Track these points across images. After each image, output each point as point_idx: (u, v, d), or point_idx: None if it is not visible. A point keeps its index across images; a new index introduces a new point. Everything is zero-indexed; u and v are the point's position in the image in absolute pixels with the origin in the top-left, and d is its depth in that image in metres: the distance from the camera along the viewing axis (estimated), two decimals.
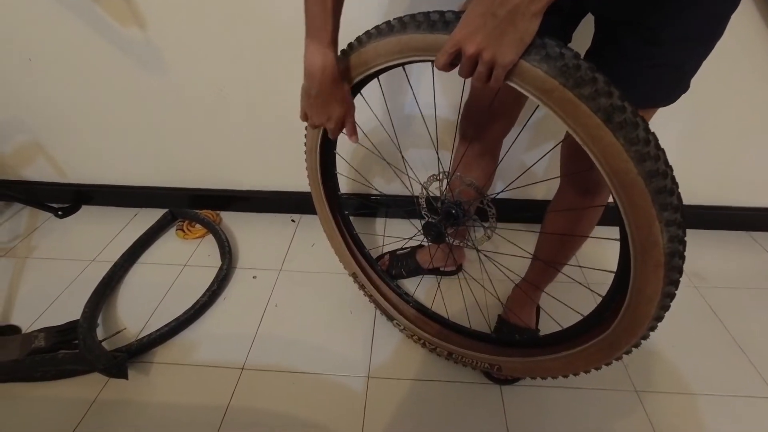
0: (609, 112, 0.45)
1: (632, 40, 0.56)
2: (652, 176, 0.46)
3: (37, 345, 0.92)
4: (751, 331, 1.00)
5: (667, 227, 0.48)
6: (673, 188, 0.48)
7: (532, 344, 0.79)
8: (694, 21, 0.52)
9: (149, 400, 0.86)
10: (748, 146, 1.14)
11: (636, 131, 0.45)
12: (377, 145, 1.10)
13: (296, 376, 0.90)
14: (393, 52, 0.58)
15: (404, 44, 0.56)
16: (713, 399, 0.86)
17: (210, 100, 1.16)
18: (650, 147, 0.45)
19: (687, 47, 0.55)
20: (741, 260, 1.21)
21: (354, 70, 0.66)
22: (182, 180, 1.37)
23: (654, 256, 0.50)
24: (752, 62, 0.99)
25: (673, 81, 0.59)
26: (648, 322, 0.56)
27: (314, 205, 0.96)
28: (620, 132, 0.45)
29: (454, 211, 0.74)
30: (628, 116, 0.45)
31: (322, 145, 0.81)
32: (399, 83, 1.06)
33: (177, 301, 1.05)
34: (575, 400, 0.86)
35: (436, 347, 0.89)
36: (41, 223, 1.36)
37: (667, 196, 0.47)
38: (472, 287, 1.08)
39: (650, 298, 0.54)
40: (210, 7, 0.99)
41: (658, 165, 0.46)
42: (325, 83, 0.62)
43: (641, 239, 0.50)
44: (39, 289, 1.11)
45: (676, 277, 0.52)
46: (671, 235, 0.49)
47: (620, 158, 0.46)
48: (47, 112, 1.23)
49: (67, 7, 1.01)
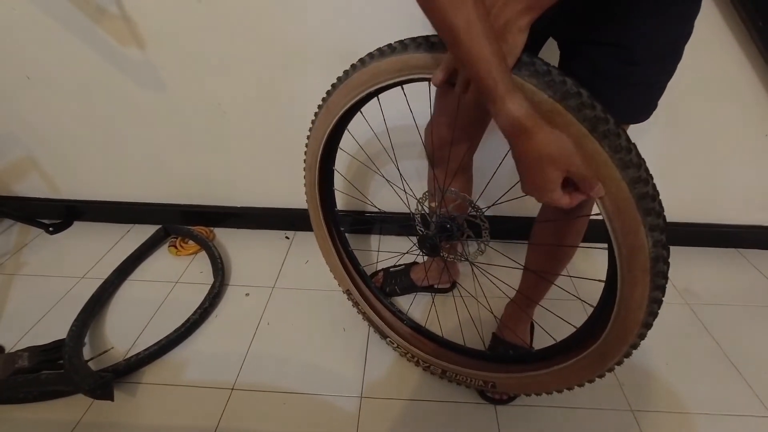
0: (594, 122, 0.47)
1: (606, 59, 0.57)
2: (635, 183, 0.48)
3: (20, 365, 0.90)
4: (743, 347, 1.00)
5: (651, 232, 0.50)
6: (654, 194, 0.50)
7: (526, 360, 0.79)
8: (663, 41, 0.55)
9: (135, 422, 0.83)
10: (736, 165, 1.17)
11: (619, 140, 0.47)
12: (369, 161, 1.11)
13: (288, 396, 0.88)
14: (394, 71, 0.62)
15: (404, 63, 0.60)
16: (708, 418, 0.85)
17: (205, 117, 1.17)
18: (632, 155, 0.48)
19: (658, 66, 0.58)
20: (732, 277, 1.22)
21: (356, 89, 0.68)
22: (176, 196, 1.36)
23: (640, 262, 0.51)
24: (734, 84, 1.03)
25: (646, 99, 0.61)
26: (637, 329, 0.57)
27: (311, 221, 0.96)
28: (605, 141, 0.47)
29: (448, 225, 0.75)
30: (611, 127, 0.47)
31: (322, 161, 0.83)
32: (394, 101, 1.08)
33: (167, 319, 1.03)
34: (571, 420, 0.85)
35: (430, 365, 0.88)
36: (31, 240, 1.34)
37: (650, 201, 0.49)
38: (467, 304, 1.08)
39: (639, 305, 0.55)
40: (209, 26, 1.02)
41: (641, 172, 0.48)
42: None
43: (627, 245, 0.51)
44: (26, 307, 1.09)
45: (662, 282, 0.53)
46: (655, 240, 0.50)
47: (606, 165, 0.48)
48: (43, 128, 1.23)
49: (67, 27, 1.03)
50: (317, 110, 0.78)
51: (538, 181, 0.48)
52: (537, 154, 0.46)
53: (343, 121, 0.76)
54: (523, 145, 0.46)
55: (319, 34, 1.01)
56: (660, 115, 0.65)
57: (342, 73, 0.70)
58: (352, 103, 0.70)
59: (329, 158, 0.84)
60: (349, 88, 0.69)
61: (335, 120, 0.74)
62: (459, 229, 0.76)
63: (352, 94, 0.69)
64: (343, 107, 0.71)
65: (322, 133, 0.78)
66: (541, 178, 0.48)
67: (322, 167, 0.84)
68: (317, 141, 0.80)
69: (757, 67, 0.99)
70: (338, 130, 0.79)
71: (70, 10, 1.00)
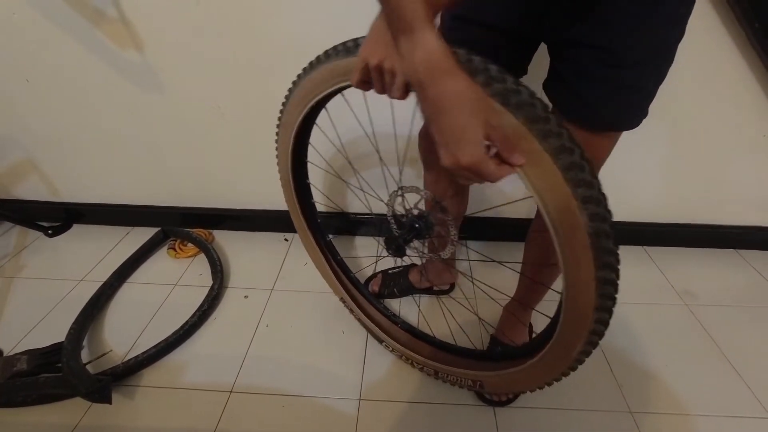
0: (504, 95, 0.45)
1: (589, 62, 0.56)
2: (558, 153, 0.45)
3: (19, 368, 0.89)
4: (742, 348, 1.00)
5: (585, 205, 0.46)
6: (582, 164, 0.46)
7: (507, 357, 0.78)
8: (648, 43, 0.53)
9: (133, 425, 0.83)
10: (735, 166, 1.17)
11: (534, 110, 0.45)
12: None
13: (286, 398, 0.88)
14: (325, 80, 0.62)
15: (330, 71, 0.60)
16: (708, 419, 0.85)
17: (203, 119, 1.17)
18: (551, 124, 0.45)
19: (645, 70, 0.56)
20: (730, 278, 1.22)
21: (300, 104, 0.69)
22: (175, 199, 1.37)
23: (578, 239, 0.48)
24: (732, 85, 1.03)
25: (633, 104, 0.59)
26: (592, 313, 0.53)
27: (299, 236, 0.97)
28: (519, 112, 0.45)
29: (417, 224, 0.73)
30: (524, 97, 0.45)
31: (294, 176, 0.84)
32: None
33: (166, 322, 1.03)
34: (570, 422, 0.84)
35: (423, 366, 0.88)
36: (31, 242, 1.34)
37: (578, 171, 0.45)
38: (465, 307, 1.08)
39: (587, 284, 0.51)
40: (207, 28, 1.02)
41: (563, 141, 0.45)
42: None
43: (561, 222, 0.48)
44: (25, 310, 1.09)
45: (609, 259, 0.49)
46: (591, 213, 0.46)
47: (524, 138, 0.45)
48: (43, 131, 1.23)
49: (66, 30, 1.03)
50: (277, 129, 0.79)
51: (458, 130, 0.41)
52: (455, 96, 0.41)
53: (301, 135, 0.77)
54: (440, 85, 0.41)
55: (319, 35, 1.01)
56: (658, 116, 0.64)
57: (287, 91, 0.71)
58: (302, 118, 0.70)
59: (301, 172, 0.85)
60: (295, 104, 0.70)
61: (293, 135, 0.75)
62: (428, 227, 0.73)
63: (299, 109, 0.69)
64: (295, 123, 0.72)
65: (286, 148, 0.79)
66: (460, 125, 0.41)
67: (296, 181, 0.85)
68: (285, 155, 0.80)
69: (755, 67, 0.99)
70: (301, 145, 0.80)
71: (68, 13, 1.00)
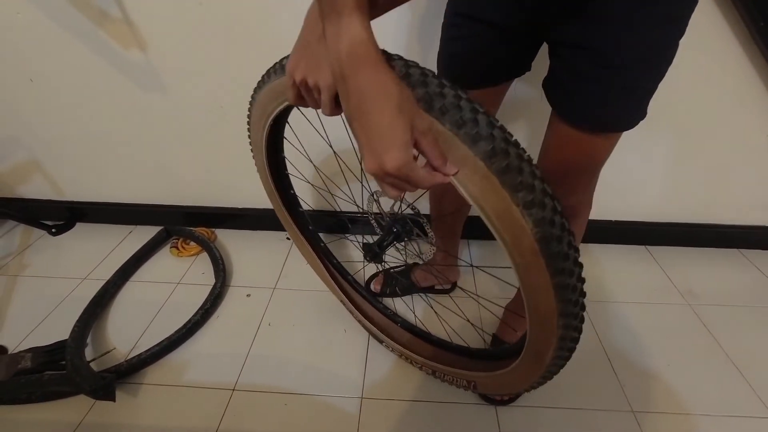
0: (428, 100, 0.41)
1: (582, 62, 0.55)
2: (491, 157, 0.42)
3: (23, 366, 0.90)
4: (745, 348, 0.99)
5: (527, 210, 0.43)
6: (521, 166, 0.43)
7: (494, 358, 0.77)
8: (643, 43, 0.52)
9: (137, 423, 0.84)
10: (738, 164, 1.17)
11: (460, 113, 0.41)
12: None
13: (288, 396, 0.88)
14: (271, 100, 0.61)
15: (272, 91, 0.60)
16: (710, 419, 0.85)
17: (206, 119, 1.18)
18: (479, 127, 0.41)
19: (640, 70, 0.54)
20: (733, 277, 1.22)
21: (260, 121, 0.68)
22: (178, 197, 1.37)
23: (525, 245, 0.45)
24: (735, 84, 1.02)
25: (628, 105, 0.58)
26: (556, 319, 0.51)
27: (295, 243, 0.98)
28: (444, 117, 0.41)
29: (395, 229, 0.72)
30: (449, 100, 0.41)
31: (277, 187, 0.84)
32: None
33: (169, 320, 1.04)
34: (572, 421, 0.84)
35: (422, 366, 0.88)
36: (34, 241, 1.35)
37: (515, 174, 0.42)
38: (468, 306, 1.08)
39: (545, 291, 0.48)
40: (210, 28, 1.02)
41: (495, 143, 0.41)
42: None
43: (504, 228, 0.45)
44: (29, 308, 1.10)
45: (563, 265, 0.46)
46: (536, 218, 0.43)
47: (453, 145, 0.42)
48: (47, 130, 1.24)
49: (70, 30, 1.04)
50: (250, 148, 0.79)
51: (383, 129, 0.38)
52: (379, 90, 0.37)
53: (272, 151, 0.77)
54: (363, 77, 0.37)
55: None
56: (659, 115, 0.64)
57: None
58: (265, 136, 0.69)
59: (284, 184, 0.86)
60: (255, 124, 0.70)
61: (264, 153, 0.75)
62: (406, 230, 0.72)
63: (260, 128, 0.69)
64: (262, 141, 0.72)
65: (262, 165, 0.79)
66: (386, 124, 0.37)
67: (281, 194, 0.86)
68: (263, 171, 0.81)
69: (758, 66, 0.99)
70: (276, 160, 0.80)
71: (73, 13, 1.00)
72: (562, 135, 0.63)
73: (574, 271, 0.47)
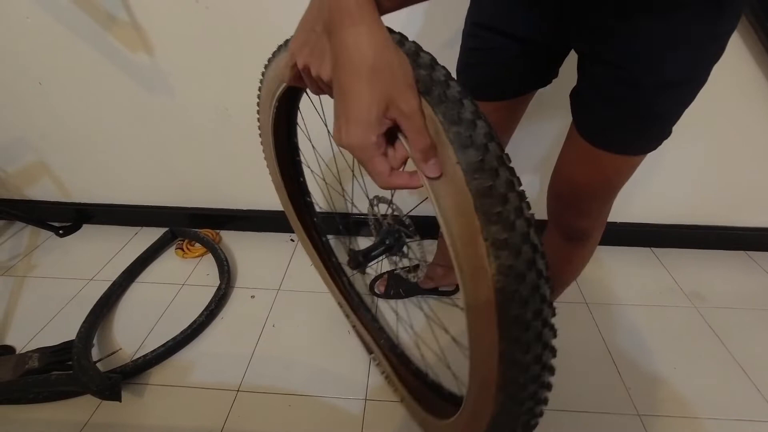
0: (426, 84, 0.36)
1: (613, 81, 0.51)
2: (475, 171, 0.34)
3: (30, 366, 0.91)
4: (752, 351, 0.98)
5: (496, 250, 0.34)
6: (507, 196, 0.34)
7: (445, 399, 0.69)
8: (675, 68, 0.47)
9: (142, 423, 0.84)
10: (745, 167, 1.16)
11: (460, 110, 0.35)
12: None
13: (293, 398, 0.89)
14: (277, 77, 0.57)
15: (277, 66, 0.56)
16: (717, 423, 0.84)
17: (212, 121, 1.18)
18: (477, 133, 0.34)
19: (673, 93, 0.50)
20: (740, 280, 1.21)
21: (267, 99, 0.65)
22: (183, 199, 1.38)
23: (480, 288, 0.36)
24: (743, 85, 1.02)
25: (654, 128, 0.54)
26: (494, 390, 0.40)
27: (298, 237, 0.96)
28: (440, 107, 0.35)
29: (387, 241, 0.65)
30: (454, 92, 0.35)
31: (283, 172, 0.82)
32: None
33: (174, 321, 1.04)
34: (578, 425, 0.84)
35: (396, 389, 0.83)
36: (42, 242, 1.36)
37: (496, 203, 0.34)
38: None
39: (488, 351, 0.38)
40: (216, 32, 1.03)
41: (487, 157, 0.34)
42: None
43: (465, 259, 0.37)
44: (36, 309, 1.11)
45: (517, 335, 0.36)
46: (502, 264, 0.34)
47: (438, 141, 0.35)
48: (55, 133, 1.25)
49: (78, 34, 1.05)
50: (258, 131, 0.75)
51: (350, 97, 0.33)
52: (356, 49, 0.32)
53: (282, 134, 0.73)
54: (342, 32, 0.32)
55: None
56: None
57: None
58: (273, 116, 0.65)
59: (294, 170, 0.83)
60: (264, 103, 0.65)
61: (272, 136, 0.71)
62: (399, 244, 0.65)
63: (267, 107, 0.64)
64: (269, 122, 0.67)
65: (269, 147, 0.77)
66: (355, 92, 0.32)
67: (288, 180, 0.83)
68: (270, 154, 0.77)
69: (765, 67, 0.98)
70: (286, 143, 0.76)
71: (81, 17, 1.02)
72: (580, 151, 0.59)
73: (533, 348, 0.36)
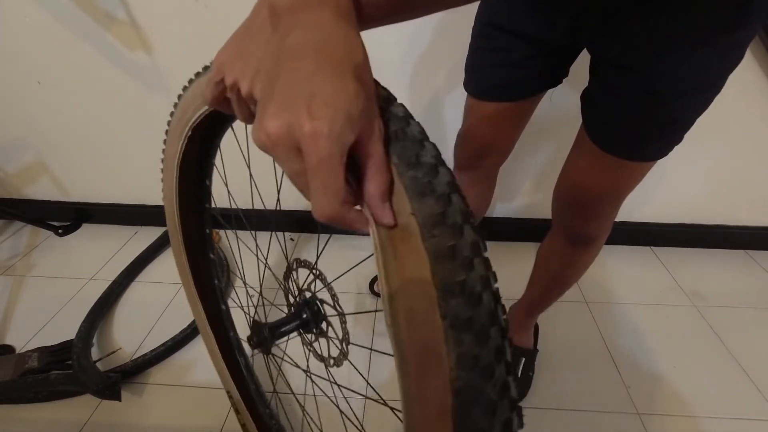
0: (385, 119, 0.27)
1: (627, 86, 0.49)
2: (432, 226, 0.24)
3: (30, 365, 0.91)
4: (751, 350, 0.98)
5: (455, 332, 0.23)
6: (472, 260, 0.24)
7: None
8: (694, 74, 0.46)
9: (142, 422, 0.84)
10: (744, 165, 1.16)
11: (419, 150, 0.26)
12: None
13: (291, 397, 0.89)
14: (191, 103, 0.49)
15: (197, 87, 0.47)
16: (717, 422, 0.84)
17: None
18: (439, 176, 0.25)
19: (688, 100, 0.49)
20: (740, 279, 1.21)
21: (177, 130, 0.54)
22: None
23: (432, 388, 0.25)
24: (743, 84, 1.02)
25: (665, 135, 0.53)
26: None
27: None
28: (394, 145, 0.26)
29: (305, 315, 0.52)
30: (415, 131, 0.27)
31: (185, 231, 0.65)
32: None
33: (174, 321, 1.04)
34: (577, 423, 0.84)
35: None
36: (41, 241, 1.36)
37: (459, 269, 0.24)
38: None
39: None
40: (216, 32, 1.03)
41: (448, 210, 0.24)
42: None
43: (412, 339, 0.26)
44: (36, 308, 1.11)
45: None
46: (464, 354, 0.23)
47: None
48: (54, 132, 1.25)
49: (77, 33, 1.05)
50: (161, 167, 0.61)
51: (322, 77, 0.22)
52: (307, 40, 0.23)
53: (191, 175, 0.60)
54: (307, 16, 0.24)
55: None
56: None
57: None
58: (181, 152, 0.53)
59: (199, 221, 0.66)
60: (171, 132, 0.54)
61: (177, 174, 0.57)
62: (317, 320, 0.51)
63: (176, 142, 0.53)
64: (175, 157, 0.55)
65: (170, 188, 0.62)
66: (328, 73, 0.22)
67: (187, 230, 0.65)
68: (170, 197, 0.61)
69: (766, 66, 0.98)
70: (194, 189, 0.62)
71: (80, 17, 1.02)
72: (590, 158, 0.58)
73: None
